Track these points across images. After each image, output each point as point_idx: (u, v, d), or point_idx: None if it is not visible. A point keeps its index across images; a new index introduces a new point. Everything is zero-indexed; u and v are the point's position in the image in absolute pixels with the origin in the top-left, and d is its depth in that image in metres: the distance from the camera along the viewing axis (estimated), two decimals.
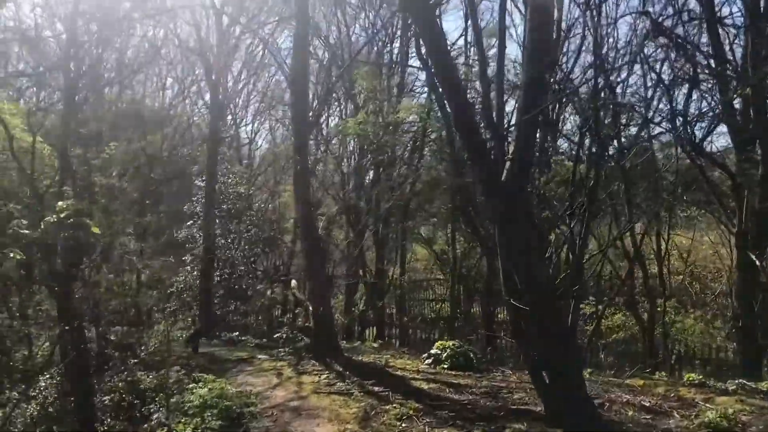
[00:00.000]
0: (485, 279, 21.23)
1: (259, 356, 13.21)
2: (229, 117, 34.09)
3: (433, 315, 24.67)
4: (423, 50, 16.10)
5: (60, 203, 6.96)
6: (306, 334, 15.22)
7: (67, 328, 8.41)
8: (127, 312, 13.23)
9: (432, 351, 12.26)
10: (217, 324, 20.62)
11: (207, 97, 24.75)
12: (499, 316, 21.26)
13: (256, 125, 36.60)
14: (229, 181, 24.36)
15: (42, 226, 6.64)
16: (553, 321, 6.88)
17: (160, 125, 23.35)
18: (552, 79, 9.14)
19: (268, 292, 26.81)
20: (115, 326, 12.75)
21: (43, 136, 15.33)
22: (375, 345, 15.00)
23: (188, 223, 24.38)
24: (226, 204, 23.88)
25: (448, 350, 12.02)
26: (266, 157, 34.09)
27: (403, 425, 7.54)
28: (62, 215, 6.75)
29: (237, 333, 20.34)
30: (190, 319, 23.19)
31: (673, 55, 11.11)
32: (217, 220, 23.52)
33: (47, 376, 8.52)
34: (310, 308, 13.05)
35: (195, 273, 22.35)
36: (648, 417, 7.99)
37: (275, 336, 16.88)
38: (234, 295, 23.00)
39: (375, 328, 22.68)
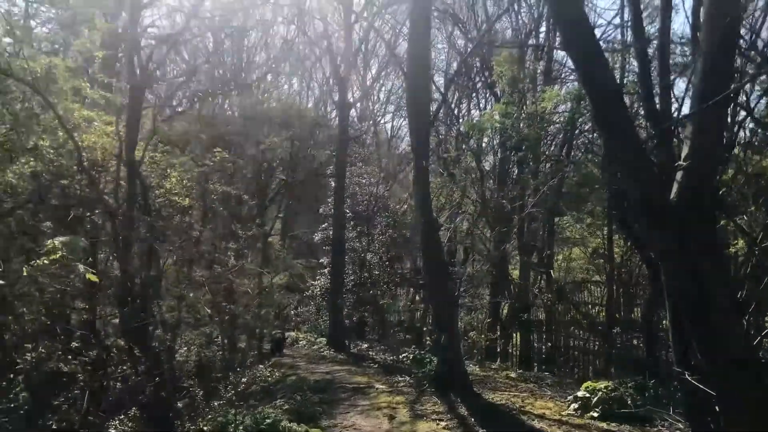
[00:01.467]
0: (648, 288, 18.45)
1: (377, 385, 11.73)
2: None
3: (586, 322, 22.00)
4: None
5: (49, 242, 5.81)
6: (434, 354, 13.62)
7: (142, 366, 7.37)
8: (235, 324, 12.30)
9: (579, 393, 10.05)
10: (348, 333, 19.61)
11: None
12: (664, 322, 18.28)
13: (397, 122, 35.61)
14: (363, 181, 23.32)
15: (24, 272, 5.53)
16: (748, 406, 4.58)
17: (292, 126, 22.72)
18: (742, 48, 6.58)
19: (405, 298, 25.58)
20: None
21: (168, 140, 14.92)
22: (513, 375, 12.94)
23: (323, 226, 23.71)
24: (359, 205, 22.89)
25: (600, 393, 9.76)
26: (407, 156, 32.85)
27: None
28: (50, 258, 5.60)
29: (367, 345, 19.21)
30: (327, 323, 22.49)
31: None
32: (352, 222, 22.62)
33: (116, 421, 7.58)
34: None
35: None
36: None
37: (401, 356, 15.47)
38: (367, 302, 21.93)
39: (519, 336, 20.38)
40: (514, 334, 20.52)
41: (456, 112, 27.38)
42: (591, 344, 18.97)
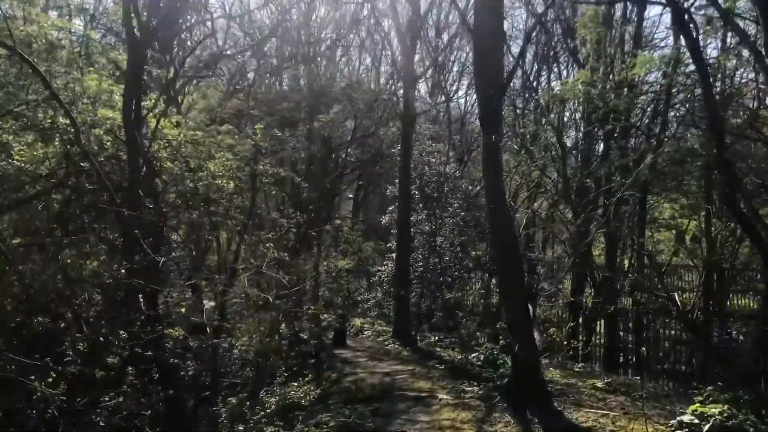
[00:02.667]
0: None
1: (441, 395, 10.24)
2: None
3: (679, 309, 19.82)
4: None
5: None
6: (508, 351, 12.06)
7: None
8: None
9: (685, 418, 8.22)
10: (415, 324, 18.21)
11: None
12: None
13: (471, 97, 33.59)
14: (433, 160, 21.71)
15: None
16: None
17: (355, 102, 21.36)
18: None
19: (480, 284, 23.83)
20: None
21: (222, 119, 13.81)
22: (599, 384, 11.11)
23: (391, 208, 22.36)
24: (428, 186, 21.32)
25: (713, 420, 7.91)
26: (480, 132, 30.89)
27: None
28: None
29: (436, 338, 17.74)
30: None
31: None
32: (420, 204, 21.15)
33: None
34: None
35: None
36: None
37: (472, 357, 13.93)
38: (436, 289, 20.39)
39: (603, 327, 18.31)
40: (598, 325, 18.59)
41: (534, 84, 25.25)
42: (684, 336, 16.93)
